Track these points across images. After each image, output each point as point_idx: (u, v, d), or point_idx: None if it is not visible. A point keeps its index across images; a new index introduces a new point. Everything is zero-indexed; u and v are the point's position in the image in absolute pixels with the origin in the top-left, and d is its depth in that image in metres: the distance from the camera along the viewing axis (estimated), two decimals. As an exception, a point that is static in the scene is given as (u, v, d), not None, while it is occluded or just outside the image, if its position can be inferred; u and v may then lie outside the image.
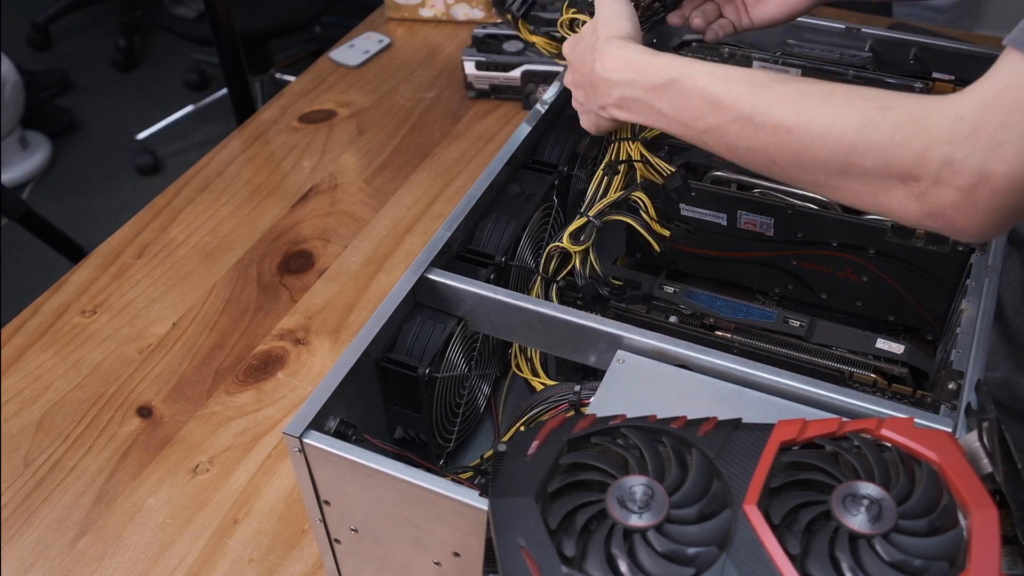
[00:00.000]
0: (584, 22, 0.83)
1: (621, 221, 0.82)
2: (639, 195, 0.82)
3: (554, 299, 0.81)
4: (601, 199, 0.82)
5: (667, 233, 0.81)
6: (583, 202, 0.84)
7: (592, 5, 0.79)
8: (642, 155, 0.83)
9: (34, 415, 0.96)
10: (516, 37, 1.30)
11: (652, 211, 0.81)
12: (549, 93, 0.95)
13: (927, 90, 0.91)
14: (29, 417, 0.96)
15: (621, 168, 0.83)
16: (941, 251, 0.80)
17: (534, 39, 0.90)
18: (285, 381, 0.99)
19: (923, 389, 0.76)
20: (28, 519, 0.87)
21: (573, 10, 0.86)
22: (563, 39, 0.84)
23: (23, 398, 0.98)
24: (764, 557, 0.48)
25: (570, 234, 0.81)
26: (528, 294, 0.81)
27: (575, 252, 0.80)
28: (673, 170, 0.84)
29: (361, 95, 1.40)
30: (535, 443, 0.55)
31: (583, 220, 0.81)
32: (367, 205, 1.20)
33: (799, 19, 1.02)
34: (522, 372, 0.82)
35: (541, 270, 0.82)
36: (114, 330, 1.05)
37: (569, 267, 0.82)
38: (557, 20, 0.92)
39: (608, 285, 0.81)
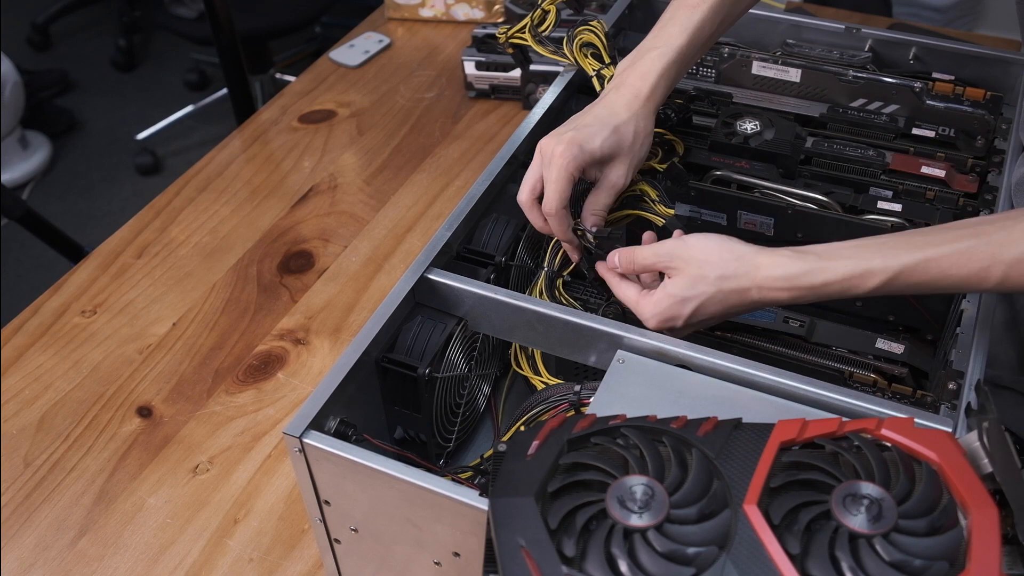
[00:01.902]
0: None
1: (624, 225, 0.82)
2: (641, 187, 0.82)
3: (558, 293, 0.80)
4: None
5: (671, 212, 0.82)
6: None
7: None
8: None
9: (34, 415, 0.96)
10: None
11: (653, 194, 0.82)
12: (549, 93, 0.95)
13: (927, 90, 0.91)
14: (29, 417, 0.96)
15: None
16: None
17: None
18: (285, 381, 0.99)
19: (923, 389, 0.76)
20: (28, 519, 0.87)
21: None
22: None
23: (23, 398, 0.98)
24: (764, 557, 0.48)
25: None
26: (531, 291, 0.81)
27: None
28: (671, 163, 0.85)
29: (361, 95, 1.40)
30: (535, 443, 0.55)
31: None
32: (367, 205, 1.20)
33: (799, 19, 1.02)
34: (522, 370, 0.82)
35: (545, 264, 0.82)
36: (114, 330, 1.05)
37: (572, 266, 0.82)
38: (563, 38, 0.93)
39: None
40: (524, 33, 0.96)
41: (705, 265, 0.69)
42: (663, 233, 0.76)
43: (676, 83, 0.82)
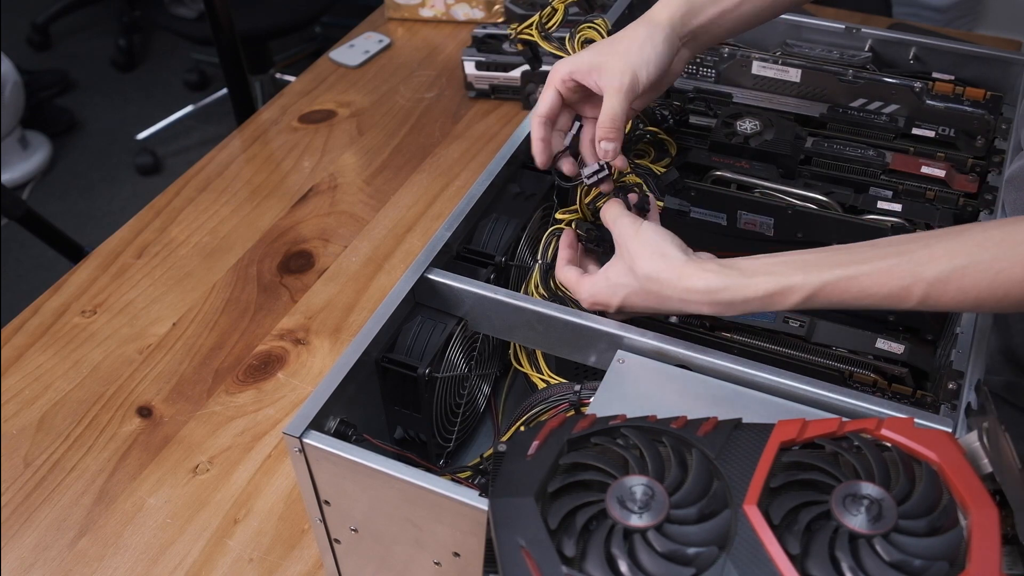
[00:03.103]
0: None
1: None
2: (631, 180, 0.82)
3: (554, 286, 0.80)
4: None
5: (660, 204, 0.81)
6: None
7: None
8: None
9: (34, 415, 0.96)
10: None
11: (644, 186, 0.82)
12: (549, 93, 0.95)
13: (927, 90, 0.91)
14: (29, 417, 0.96)
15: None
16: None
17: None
18: (285, 381, 0.99)
19: (923, 389, 0.76)
20: (28, 519, 0.87)
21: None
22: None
23: (23, 398, 0.98)
24: (764, 557, 0.48)
25: (564, 211, 0.81)
26: (526, 285, 0.81)
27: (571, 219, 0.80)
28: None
29: (361, 95, 1.40)
30: (535, 443, 0.55)
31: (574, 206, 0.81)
32: (367, 205, 1.20)
33: (799, 19, 1.02)
34: (523, 367, 0.82)
35: (539, 257, 0.81)
36: (114, 330, 1.05)
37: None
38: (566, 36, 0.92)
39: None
40: (532, 30, 0.96)
41: (637, 259, 0.68)
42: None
43: (701, 18, 0.78)
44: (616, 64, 0.74)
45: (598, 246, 0.78)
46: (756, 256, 0.65)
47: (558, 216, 0.81)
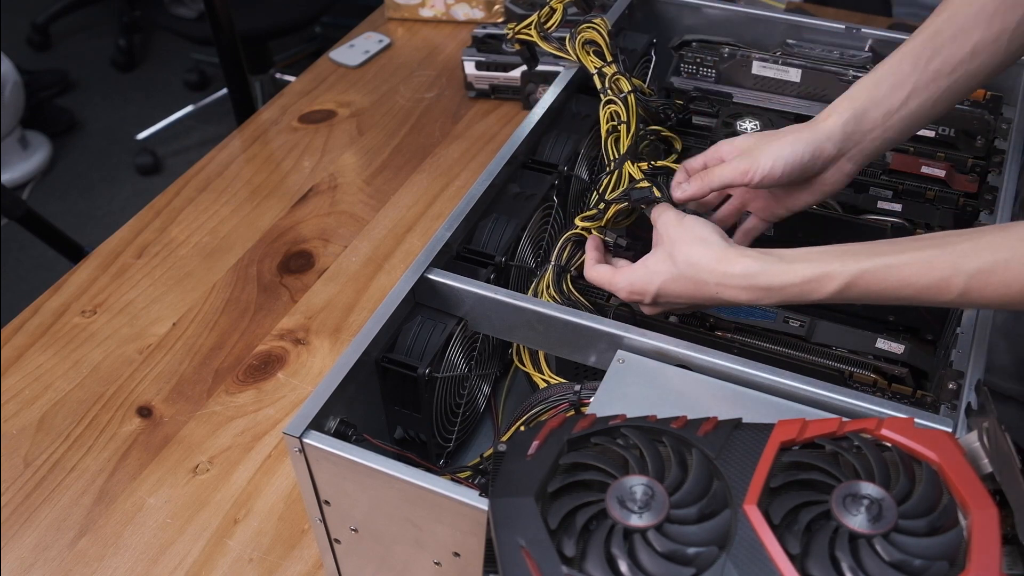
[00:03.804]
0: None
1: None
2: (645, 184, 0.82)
3: (567, 288, 0.80)
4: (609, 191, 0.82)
5: None
6: (583, 202, 0.84)
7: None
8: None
9: (34, 415, 0.96)
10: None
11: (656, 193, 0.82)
12: (549, 93, 0.95)
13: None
14: (29, 417, 0.96)
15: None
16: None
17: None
18: (285, 381, 0.99)
19: (923, 389, 0.76)
20: (28, 519, 0.87)
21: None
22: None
23: (23, 398, 0.98)
24: (764, 557, 0.48)
25: (583, 218, 0.81)
26: (536, 285, 0.81)
27: (592, 228, 0.81)
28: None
29: (361, 95, 1.40)
30: (535, 443, 0.55)
31: (594, 211, 0.81)
32: (367, 205, 1.20)
33: (799, 19, 1.02)
34: (524, 366, 0.82)
35: (553, 259, 0.81)
36: (114, 330, 1.05)
37: (580, 256, 0.82)
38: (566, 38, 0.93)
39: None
40: (530, 29, 0.96)
41: (677, 243, 0.69)
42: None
43: (863, 137, 0.74)
44: (754, 153, 0.74)
45: (628, 250, 0.79)
46: (795, 248, 0.66)
47: (579, 223, 0.81)
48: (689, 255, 0.68)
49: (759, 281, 0.65)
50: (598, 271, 0.76)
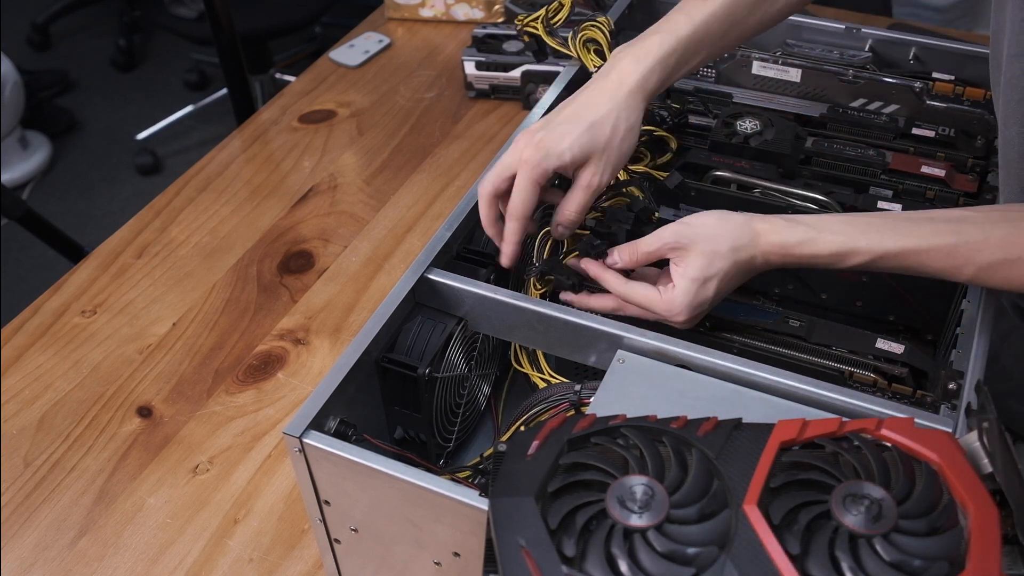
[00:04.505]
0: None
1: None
2: (631, 190, 0.82)
3: (532, 287, 0.80)
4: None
5: (656, 217, 0.82)
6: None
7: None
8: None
9: (34, 415, 0.96)
10: (515, 37, 1.31)
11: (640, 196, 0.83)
12: (549, 93, 0.95)
13: (927, 90, 0.91)
14: (29, 417, 0.96)
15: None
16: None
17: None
18: (285, 381, 0.99)
19: (923, 389, 0.76)
20: (28, 519, 0.87)
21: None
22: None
23: (23, 398, 0.98)
24: (764, 557, 0.48)
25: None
26: (526, 288, 0.81)
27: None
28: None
29: (361, 95, 1.40)
30: (535, 443, 0.55)
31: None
32: (367, 205, 1.20)
33: (799, 19, 1.02)
34: (523, 367, 0.82)
35: (535, 257, 0.81)
36: (114, 330, 1.05)
37: (566, 249, 0.82)
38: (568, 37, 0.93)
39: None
40: (537, 23, 0.96)
41: (715, 239, 0.68)
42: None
43: (674, 78, 0.78)
44: (594, 165, 0.74)
45: (557, 273, 0.77)
46: (817, 215, 0.70)
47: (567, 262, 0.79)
48: (734, 241, 0.69)
49: (796, 251, 0.68)
50: (643, 292, 0.71)
